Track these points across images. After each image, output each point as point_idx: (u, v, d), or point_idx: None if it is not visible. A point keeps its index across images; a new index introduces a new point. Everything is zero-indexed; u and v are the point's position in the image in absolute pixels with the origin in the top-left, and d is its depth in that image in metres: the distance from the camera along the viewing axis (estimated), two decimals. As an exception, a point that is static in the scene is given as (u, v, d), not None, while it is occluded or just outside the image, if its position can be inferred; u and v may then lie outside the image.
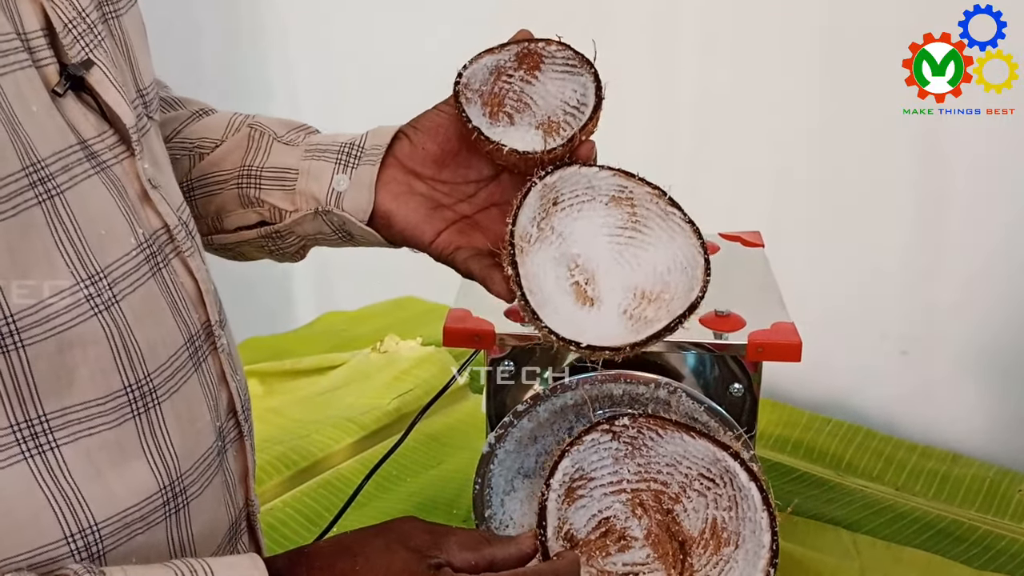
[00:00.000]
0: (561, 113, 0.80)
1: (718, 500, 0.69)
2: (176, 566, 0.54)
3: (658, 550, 0.69)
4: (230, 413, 0.68)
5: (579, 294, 0.77)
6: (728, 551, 0.68)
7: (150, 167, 0.63)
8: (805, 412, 1.52)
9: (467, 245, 0.78)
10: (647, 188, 0.77)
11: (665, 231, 0.76)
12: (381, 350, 1.68)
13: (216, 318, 0.66)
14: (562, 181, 0.76)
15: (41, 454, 0.54)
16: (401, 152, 0.79)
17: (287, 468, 1.35)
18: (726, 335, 0.99)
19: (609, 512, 0.70)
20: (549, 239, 0.77)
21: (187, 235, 0.65)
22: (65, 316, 0.54)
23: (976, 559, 1.20)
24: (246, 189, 0.80)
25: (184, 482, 0.61)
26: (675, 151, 1.68)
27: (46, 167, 0.54)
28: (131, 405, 0.57)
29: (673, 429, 0.70)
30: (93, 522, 0.55)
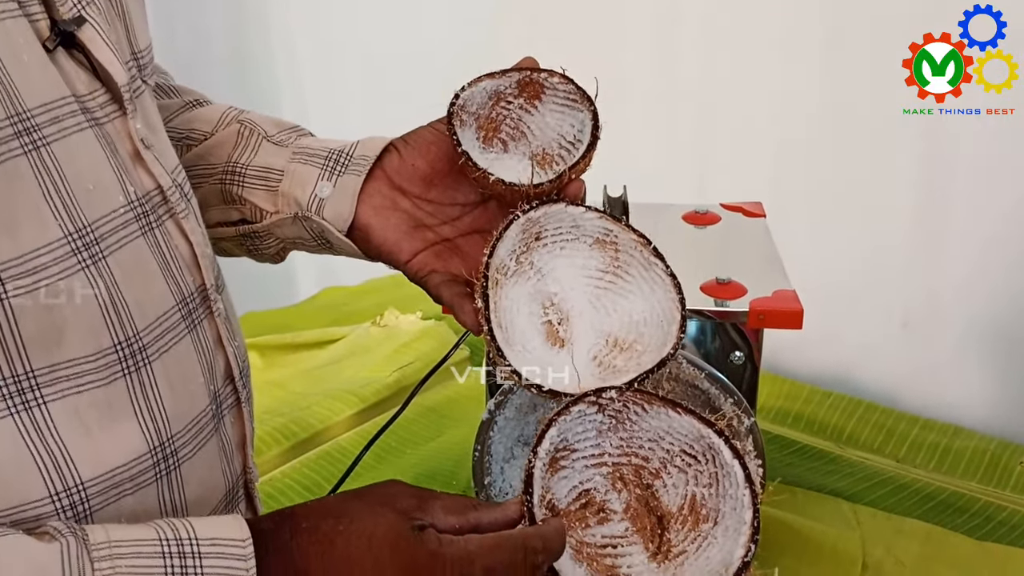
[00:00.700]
0: (556, 146, 0.78)
1: (698, 477, 0.69)
2: (159, 525, 0.54)
3: (636, 524, 0.69)
4: (227, 379, 0.67)
5: (551, 333, 0.75)
6: (706, 527, 0.67)
7: (143, 127, 0.62)
8: (806, 385, 1.52)
9: (442, 269, 0.76)
10: (633, 235, 0.76)
11: (646, 281, 0.75)
12: (381, 324, 1.68)
13: (212, 282, 0.65)
14: (547, 217, 0.75)
15: (28, 410, 0.53)
16: (389, 166, 0.77)
17: (287, 439, 1.35)
18: (727, 302, 0.99)
19: (590, 484, 0.70)
20: (527, 274, 0.75)
21: (181, 197, 0.64)
22: (53, 269, 0.53)
23: (976, 530, 1.20)
24: (229, 185, 0.79)
25: (175, 444, 0.60)
26: (679, 122, 1.67)
27: (32, 118, 0.53)
28: (121, 364, 0.57)
29: (659, 404, 0.69)
30: (79, 481, 0.55)
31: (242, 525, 0.54)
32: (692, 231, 1.16)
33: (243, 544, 0.53)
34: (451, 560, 0.56)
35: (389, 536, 0.56)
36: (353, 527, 0.56)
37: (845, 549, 1.14)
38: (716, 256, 1.10)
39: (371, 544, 0.55)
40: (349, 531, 0.56)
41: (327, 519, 0.56)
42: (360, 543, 0.55)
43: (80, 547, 0.51)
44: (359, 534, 0.56)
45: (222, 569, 0.52)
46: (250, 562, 0.53)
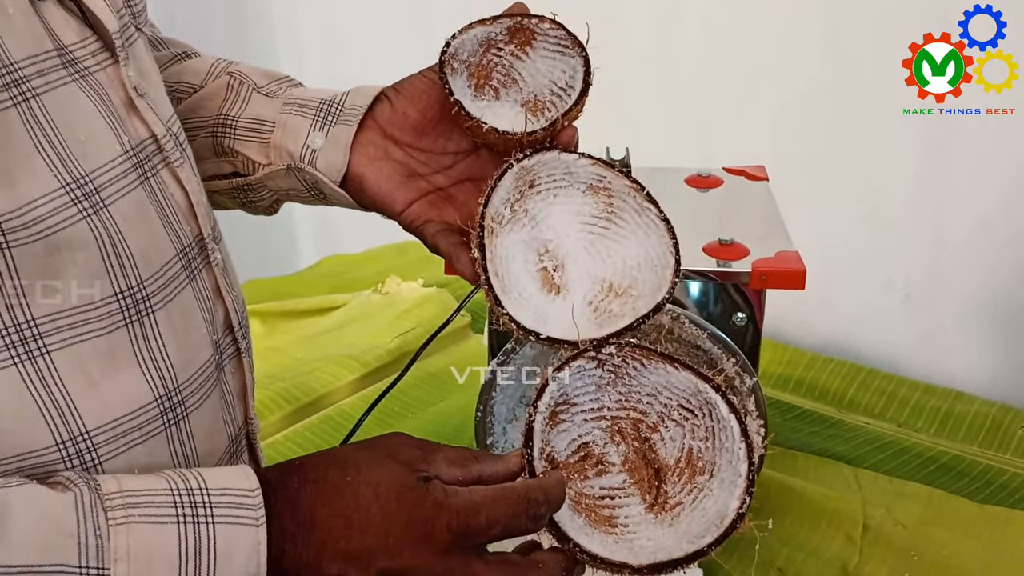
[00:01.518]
0: (548, 93, 0.77)
1: (695, 431, 0.69)
2: (169, 476, 0.54)
3: (634, 476, 0.70)
4: (227, 329, 0.67)
5: (546, 280, 0.75)
6: (703, 480, 0.68)
7: (136, 75, 0.61)
8: (808, 352, 1.52)
9: (437, 219, 0.76)
10: (626, 181, 0.75)
11: (640, 226, 0.75)
12: (382, 291, 1.68)
13: (209, 231, 0.65)
14: (540, 165, 0.75)
15: (31, 360, 0.53)
16: (381, 115, 0.76)
17: (288, 404, 1.35)
18: (730, 263, 0.98)
19: (589, 438, 0.71)
20: (522, 221, 0.75)
21: (176, 146, 0.64)
22: (53, 219, 0.53)
23: (977, 493, 1.20)
24: (221, 138, 0.78)
25: (182, 393, 0.60)
26: (681, 85, 1.67)
27: (19, 70, 0.53)
28: (123, 312, 0.57)
29: (657, 360, 0.70)
30: (84, 430, 0.55)
31: (250, 476, 0.54)
32: (695, 194, 1.16)
33: (252, 494, 0.53)
34: (456, 510, 0.56)
35: (395, 486, 0.56)
36: (360, 477, 0.56)
37: (846, 511, 1.15)
38: (718, 218, 1.10)
39: (378, 494, 0.56)
40: (356, 481, 0.56)
41: (334, 469, 0.57)
42: (367, 493, 0.56)
43: (93, 496, 0.51)
44: (366, 484, 0.56)
45: (232, 519, 0.52)
46: (259, 511, 0.53)
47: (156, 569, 0.50)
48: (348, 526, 0.55)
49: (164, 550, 0.51)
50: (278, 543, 0.53)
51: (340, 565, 0.55)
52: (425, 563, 0.55)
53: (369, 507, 0.55)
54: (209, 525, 0.52)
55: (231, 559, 0.52)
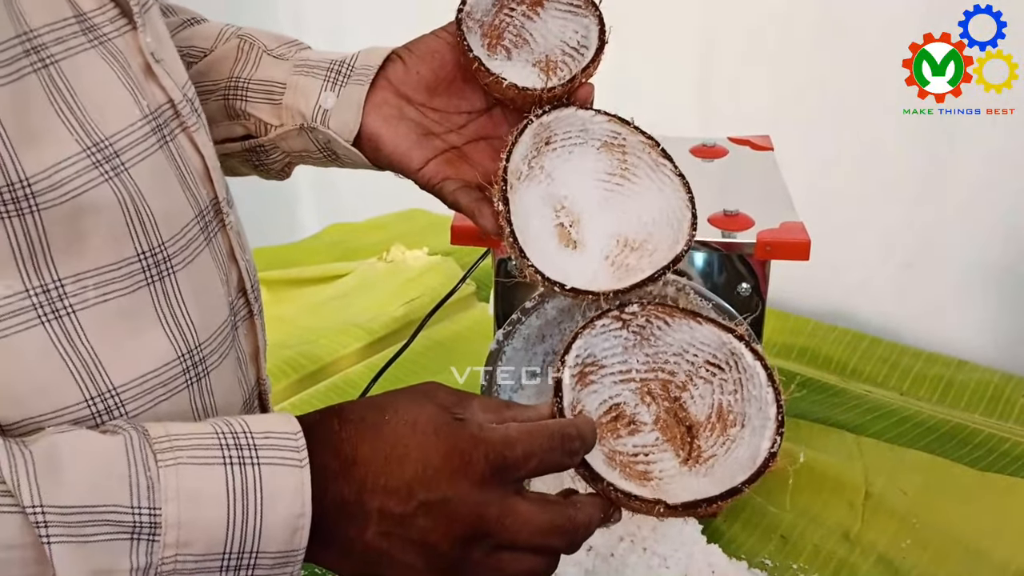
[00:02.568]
0: (559, 53, 0.78)
1: (723, 385, 0.71)
2: (213, 422, 0.56)
3: (666, 434, 0.71)
4: (240, 291, 0.69)
5: (563, 236, 0.76)
6: (735, 431, 0.69)
7: (152, 41, 0.62)
8: (810, 320, 1.52)
9: (455, 176, 0.77)
10: (641, 137, 0.76)
11: (654, 181, 0.76)
12: (387, 260, 1.69)
13: (224, 195, 0.67)
14: (557, 122, 0.76)
15: (58, 319, 0.54)
16: (394, 75, 0.77)
17: (295, 372, 1.36)
18: (734, 234, 0.99)
19: (619, 399, 0.72)
20: (538, 178, 0.77)
21: (192, 111, 0.65)
22: (77, 181, 0.54)
23: (979, 461, 1.21)
24: (232, 101, 0.79)
25: (203, 352, 0.62)
26: (684, 55, 1.66)
27: (38, 37, 0.54)
28: (145, 273, 0.58)
29: (680, 316, 0.71)
30: (112, 386, 0.56)
31: (291, 420, 0.57)
32: (699, 164, 1.16)
33: (295, 437, 0.55)
34: (492, 442, 0.58)
35: (432, 423, 0.58)
36: (397, 416, 0.58)
37: (848, 479, 1.16)
38: (723, 189, 1.10)
39: (415, 431, 0.57)
40: (394, 420, 0.58)
41: (372, 411, 0.59)
42: (405, 430, 0.57)
43: (142, 440, 0.53)
44: (404, 423, 0.58)
45: (278, 460, 0.54)
46: (302, 453, 0.55)
47: (205, 509, 0.52)
48: (388, 462, 0.57)
49: (212, 490, 0.53)
50: (321, 482, 0.55)
51: (381, 499, 0.57)
52: (463, 494, 0.57)
53: (407, 443, 0.57)
54: (255, 466, 0.54)
55: (276, 499, 0.54)
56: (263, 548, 0.54)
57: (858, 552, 1.07)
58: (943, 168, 1.47)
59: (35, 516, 0.49)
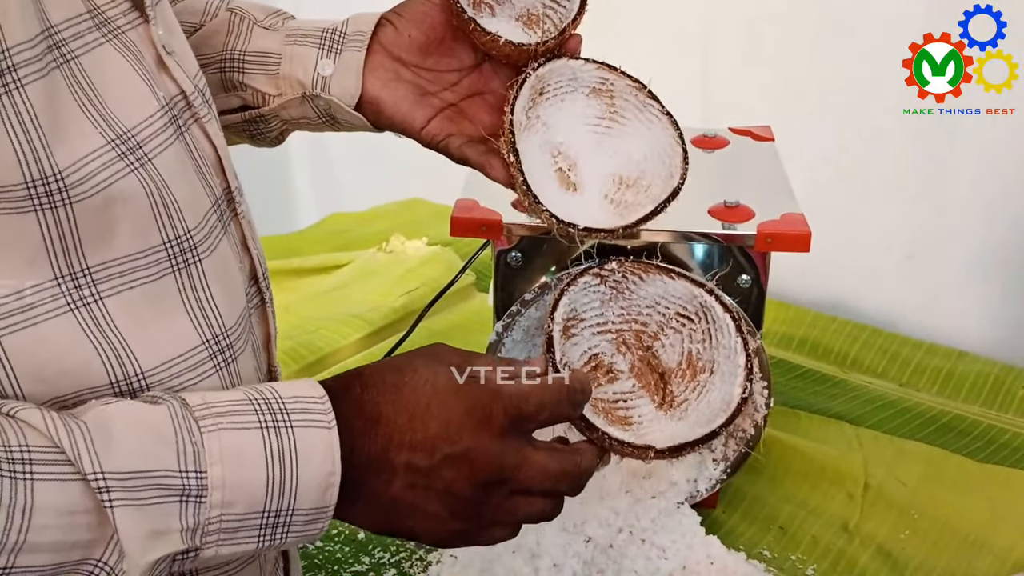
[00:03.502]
0: (540, 6, 0.82)
1: (692, 335, 0.76)
2: (244, 389, 0.58)
3: (641, 380, 0.77)
4: (252, 280, 0.70)
5: (563, 179, 0.80)
6: (704, 377, 0.75)
7: (164, 33, 0.63)
8: (811, 310, 1.52)
9: (459, 132, 0.80)
10: (628, 81, 0.81)
11: (642, 122, 0.80)
12: (387, 250, 1.68)
13: (236, 184, 0.68)
14: (550, 73, 0.80)
15: (86, 306, 0.56)
16: (386, 39, 0.80)
17: (295, 362, 1.36)
18: (735, 225, 0.99)
19: (597, 349, 0.78)
20: (535, 127, 0.80)
21: (204, 102, 0.66)
22: (105, 173, 0.55)
23: (978, 452, 1.21)
24: (229, 73, 0.81)
25: (230, 337, 0.63)
26: (685, 50, 1.65)
27: (59, 32, 0.55)
28: (171, 260, 0.59)
29: (654, 272, 0.77)
30: (140, 370, 0.58)
31: (315, 385, 0.59)
32: (701, 155, 1.16)
33: (321, 400, 0.58)
34: (509, 396, 0.62)
35: (451, 382, 0.62)
36: (416, 377, 0.61)
37: (848, 470, 1.16)
38: (724, 180, 1.10)
39: (435, 389, 0.61)
40: (414, 380, 0.61)
41: (391, 372, 0.62)
42: (425, 389, 0.61)
43: (184, 408, 0.55)
44: (423, 382, 0.61)
45: (307, 422, 0.57)
46: (330, 415, 0.57)
47: (247, 470, 0.55)
48: (412, 418, 0.60)
49: (253, 452, 0.55)
50: (347, 441, 0.58)
51: (407, 454, 0.60)
52: (484, 445, 0.61)
53: (429, 400, 0.61)
54: (288, 429, 0.56)
55: (310, 458, 0.56)
56: (298, 505, 0.57)
57: (857, 543, 1.07)
58: (943, 168, 1.48)
59: (96, 482, 0.51)
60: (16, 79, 0.51)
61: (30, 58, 0.52)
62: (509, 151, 0.75)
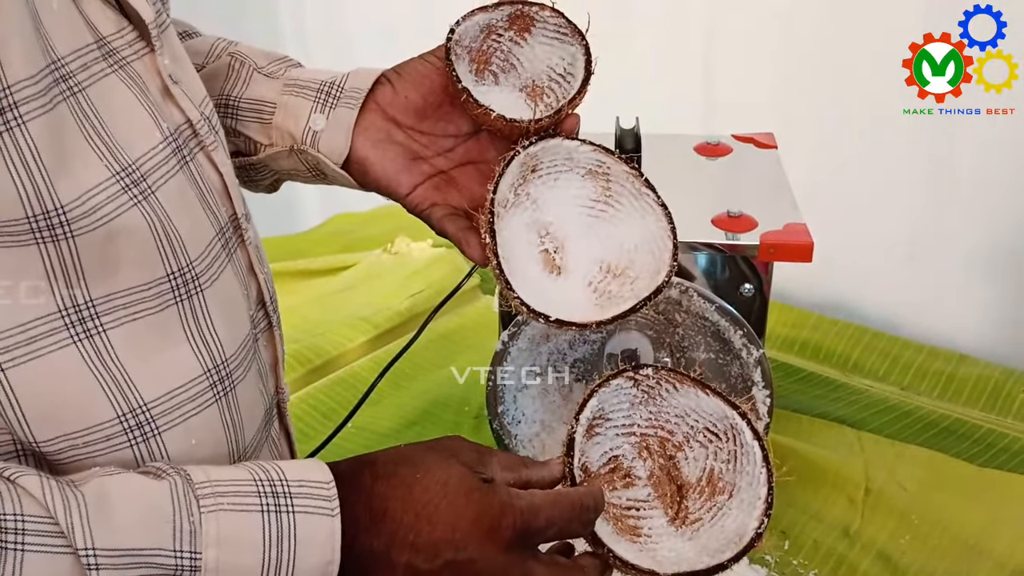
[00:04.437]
0: (546, 79, 0.79)
1: (718, 453, 0.74)
2: (249, 467, 0.57)
3: (658, 490, 0.74)
4: (259, 304, 0.70)
5: (547, 261, 0.77)
6: (722, 499, 0.73)
7: (170, 63, 0.63)
8: (813, 313, 1.53)
9: (443, 203, 0.77)
10: (624, 166, 0.78)
11: (636, 210, 0.77)
12: (392, 251, 1.69)
13: (243, 211, 0.68)
14: (544, 151, 0.77)
15: (89, 338, 0.56)
16: (382, 98, 0.77)
17: (301, 365, 1.37)
18: (738, 236, 1.00)
19: (619, 451, 0.75)
20: (524, 204, 0.77)
21: (210, 130, 0.65)
22: (109, 207, 0.55)
23: (978, 456, 1.22)
24: (223, 118, 0.79)
25: (230, 366, 0.63)
26: (688, 52, 1.66)
27: (65, 65, 0.55)
28: (174, 292, 0.59)
29: (689, 384, 0.74)
30: (142, 402, 0.58)
31: (324, 469, 0.58)
32: (704, 162, 1.17)
33: (327, 486, 0.57)
34: (520, 511, 0.61)
35: (463, 485, 0.60)
36: (429, 476, 0.60)
37: (849, 474, 1.17)
38: (727, 188, 1.11)
39: (446, 491, 0.60)
40: (426, 479, 0.60)
41: (404, 467, 0.61)
42: (436, 489, 0.60)
43: (186, 485, 0.55)
44: (435, 482, 0.60)
45: (311, 508, 0.56)
46: (334, 502, 0.57)
47: (243, 553, 0.54)
48: (418, 519, 0.59)
49: (250, 536, 0.54)
50: (351, 532, 0.57)
51: (409, 555, 0.58)
52: (488, 557, 0.60)
53: (438, 503, 0.59)
54: (290, 514, 0.56)
55: (309, 546, 0.56)
56: None
57: (858, 548, 1.08)
58: (943, 168, 1.48)
59: (87, 558, 0.51)
60: (17, 116, 0.51)
61: (33, 94, 0.52)
62: (486, 232, 0.72)
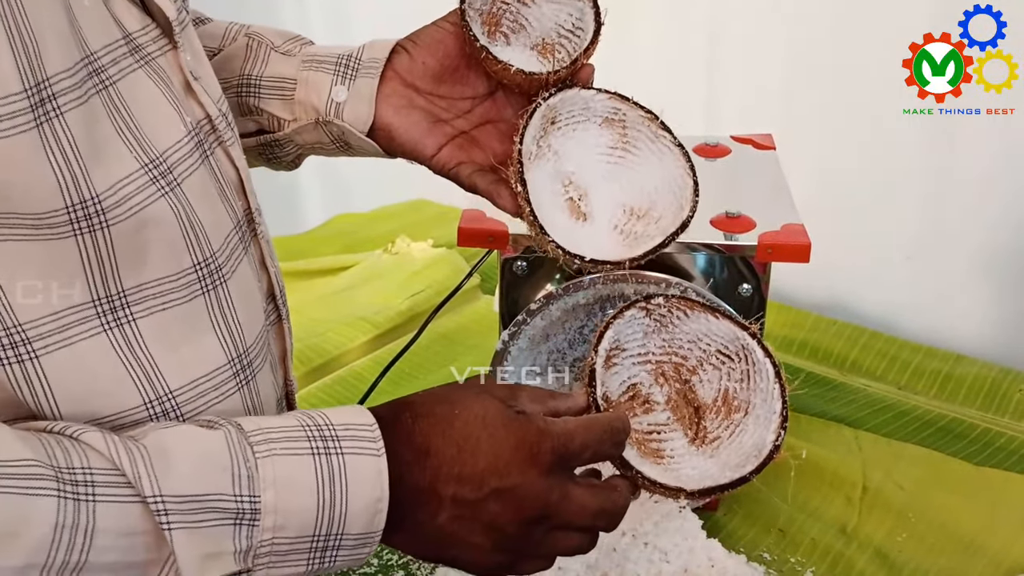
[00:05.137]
0: (555, 36, 0.82)
1: (731, 373, 0.77)
2: (296, 415, 0.60)
3: (676, 413, 0.78)
4: (270, 297, 0.72)
5: (573, 209, 0.81)
6: (738, 417, 0.76)
7: (191, 59, 0.65)
8: (811, 313, 1.54)
9: (469, 161, 0.81)
10: (640, 111, 0.81)
11: (654, 153, 0.80)
12: (392, 251, 1.70)
13: (256, 205, 0.70)
14: (562, 102, 0.80)
15: (119, 327, 0.58)
16: (400, 66, 0.81)
17: (303, 365, 1.38)
18: (736, 236, 1.00)
19: (636, 379, 0.78)
20: (546, 156, 0.80)
21: (227, 125, 0.68)
22: (138, 197, 0.57)
23: (975, 455, 1.23)
24: (246, 98, 0.82)
25: (250, 355, 0.65)
26: (689, 54, 1.67)
27: (98, 59, 0.57)
28: (201, 282, 0.62)
29: (700, 310, 0.78)
30: (168, 390, 0.60)
31: (365, 413, 0.61)
32: (703, 163, 1.17)
33: (371, 428, 0.60)
34: (556, 435, 0.64)
35: (500, 416, 0.63)
36: (467, 411, 0.63)
37: (847, 474, 1.18)
38: (726, 189, 1.12)
39: (485, 423, 0.63)
40: (464, 414, 0.63)
41: (441, 405, 0.64)
42: (476, 423, 0.63)
43: (239, 433, 0.57)
44: (473, 416, 0.63)
45: (358, 450, 0.59)
46: (379, 443, 0.60)
47: (298, 495, 0.57)
48: (460, 452, 0.62)
49: (304, 478, 0.57)
50: (396, 470, 0.60)
51: (455, 487, 0.61)
52: (530, 481, 0.63)
53: (479, 435, 0.62)
54: (339, 455, 0.58)
55: (359, 485, 0.58)
56: (347, 530, 0.58)
57: (855, 546, 1.09)
58: (943, 168, 1.49)
59: (156, 505, 0.53)
60: (56, 107, 0.53)
61: (70, 86, 0.54)
62: (517, 181, 0.76)
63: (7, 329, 0.54)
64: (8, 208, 0.52)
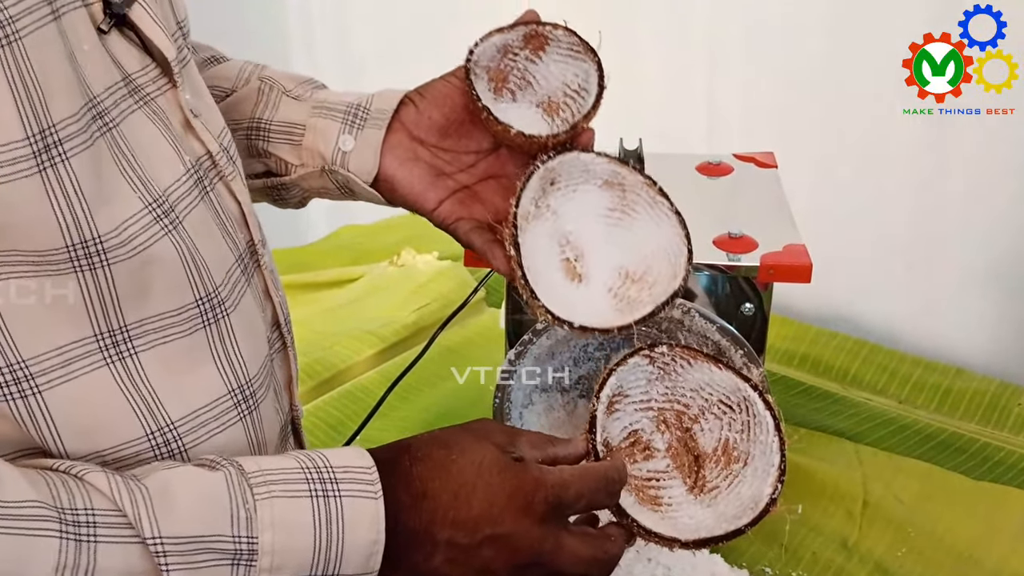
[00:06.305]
0: (561, 94, 0.83)
1: (732, 424, 0.78)
2: (296, 456, 0.61)
3: (676, 461, 0.79)
4: (275, 326, 0.73)
5: (568, 270, 0.81)
6: (737, 467, 0.77)
7: (191, 97, 0.66)
8: (812, 327, 1.55)
9: (468, 216, 0.81)
10: (640, 177, 0.81)
11: (652, 218, 0.81)
12: (398, 264, 1.71)
13: (259, 237, 0.71)
14: (561, 165, 0.81)
15: (121, 360, 0.59)
16: (407, 118, 0.81)
17: (310, 379, 1.40)
18: (738, 256, 1.02)
19: (638, 425, 0.80)
20: (544, 216, 0.81)
21: (228, 160, 0.69)
22: (142, 236, 0.59)
23: (974, 470, 1.24)
24: (255, 140, 0.83)
25: (253, 386, 0.67)
26: (690, 71, 1.68)
27: (101, 102, 0.58)
28: (202, 316, 0.63)
29: (703, 360, 0.79)
30: (170, 420, 0.62)
31: (365, 455, 0.62)
32: (705, 182, 1.19)
33: (369, 471, 0.61)
34: (551, 485, 0.65)
35: (496, 464, 0.64)
36: (464, 457, 0.64)
37: (847, 487, 1.19)
38: (728, 209, 1.14)
39: (481, 470, 0.64)
40: (461, 460, 0.64)
41: (439, 449, 0.65)
42: (471, 469, 0.64)
43: (239, 475, 0.59)
44: (470, 462, 0.64)
45: (356, 492, 0.60)
46: (377, 486, 0.61)
47: (295, 537, 0.58)
48: (456, 497, 0.63)
49: (302, 520, 0.59)
50: (393, 513, 0.61)
51: (450, 531, 0.63)
52: (524, 530, 0.64)
53: (475, 482, 0.63)
54: (337, 498, 0.60)
55: (356, 528, 0.60)
56: (343, 571, 0.60)
57: (856, 560, 1.10)
58: (943, 168, 1.49)
59: (155, 546, 0.55)
60: (62, 152, 0.54)
61: (75, 131, 0.55)
62: (511, 244, 0.76)
63: (10, 365, 0.56)
64: (9, 246, 0.54)
